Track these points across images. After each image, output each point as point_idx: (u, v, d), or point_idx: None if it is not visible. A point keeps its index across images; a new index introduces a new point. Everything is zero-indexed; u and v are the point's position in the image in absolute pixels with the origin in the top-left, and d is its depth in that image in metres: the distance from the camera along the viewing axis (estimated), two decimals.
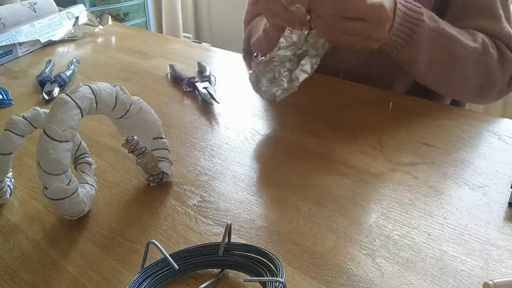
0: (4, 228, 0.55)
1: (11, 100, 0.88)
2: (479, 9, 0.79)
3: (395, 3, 0.68)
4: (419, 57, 0.74)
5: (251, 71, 0.72)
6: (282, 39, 0.71)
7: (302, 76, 0.70)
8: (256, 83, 0.71)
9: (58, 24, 1.22)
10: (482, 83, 0.78)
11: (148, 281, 0.45)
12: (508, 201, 0.54)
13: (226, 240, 0.47)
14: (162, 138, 0.61)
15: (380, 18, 0.65)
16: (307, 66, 0.70)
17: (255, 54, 0.71)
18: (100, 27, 1.28)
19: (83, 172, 0.59)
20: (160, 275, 0.45)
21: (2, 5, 1.19)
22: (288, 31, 0.71)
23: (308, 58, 0.70)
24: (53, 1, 1.28)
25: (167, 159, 0.61)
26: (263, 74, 0.71)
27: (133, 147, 0.57)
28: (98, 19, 1.30)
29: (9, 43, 1.09)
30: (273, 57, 0.71)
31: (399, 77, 0.88)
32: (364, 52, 0.75)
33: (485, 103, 0.84)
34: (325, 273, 0.46)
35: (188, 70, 0.96)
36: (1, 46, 1.07)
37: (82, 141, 0.61)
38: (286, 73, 0.70)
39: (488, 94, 0.81)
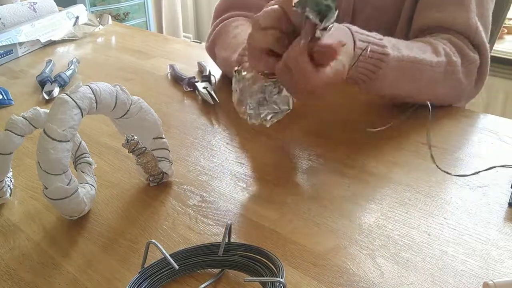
0: (4, 228, 0.55)
1: (11, 100, 0.88)
2: None
3: (354, 41, 0.62)
4: (385, 89, 0.70)
5: (233, 89, 0.61)
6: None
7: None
8: (240, 104, 0.60)
9: (58, 24, 1.22)
10: (451, 92, 0.76)
11: (148, 281, 0.45)
12: (508, 201, 0.54)
13: (226, 240, 0.47)
14: (162, 138, 0.61)
15: (336, 84, 0.57)
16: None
17: (236, 68, 0.60)
18: (100, 27, 1.28)
19: (83, 172, 0.59)
20: (160, 275, 0.45)
21: (2, 5, 1.19)
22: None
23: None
24: (53, 1, 1.28)
25: (167, 159, 0.61)
26: (249, 93, 0.59)
27: (133, 147, 0.57)
28: (98, 19, 1.30)
29: (9, 43, 1.09)
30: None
31: None
32: None
33: (457, 105, 0.81)
34: (325, 273, 0.46)
35: (188, 70, 0.96)
36: (1, 46, 1.08)
37: (82, 141, 0.61)
38: (277, 95, 0.59)
39: (458, 99, 0.79)
